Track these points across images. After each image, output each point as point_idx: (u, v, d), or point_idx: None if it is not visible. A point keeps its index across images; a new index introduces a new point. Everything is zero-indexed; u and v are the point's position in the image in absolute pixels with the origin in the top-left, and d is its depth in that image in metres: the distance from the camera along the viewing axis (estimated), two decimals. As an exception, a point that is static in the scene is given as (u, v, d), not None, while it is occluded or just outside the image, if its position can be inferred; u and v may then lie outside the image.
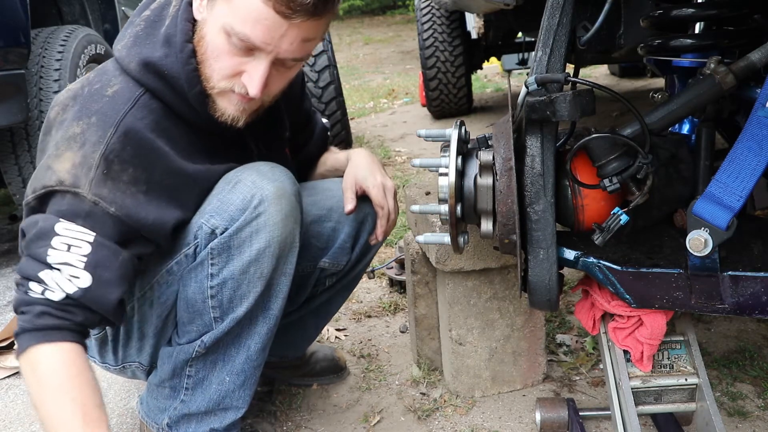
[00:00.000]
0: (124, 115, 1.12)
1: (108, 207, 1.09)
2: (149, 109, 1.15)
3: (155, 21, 1.19)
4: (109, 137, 1.10)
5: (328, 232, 1.45)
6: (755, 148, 1.01)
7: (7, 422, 1.71)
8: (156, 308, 1.27)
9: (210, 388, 1.28)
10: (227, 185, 1.20)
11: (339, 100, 3.86)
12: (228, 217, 1.17)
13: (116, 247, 1.10)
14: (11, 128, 2.61)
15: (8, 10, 2.47)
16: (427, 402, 1.63)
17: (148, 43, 1.17)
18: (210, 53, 1.12)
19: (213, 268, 1.20)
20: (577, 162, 1.19)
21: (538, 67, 1.13)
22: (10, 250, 3.19)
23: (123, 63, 1.17)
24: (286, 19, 1.06)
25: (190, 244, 1.21)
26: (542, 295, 1.15)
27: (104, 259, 1.08)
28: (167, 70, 1.14)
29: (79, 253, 1.06)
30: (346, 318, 2.15)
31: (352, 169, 1.45)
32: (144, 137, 1.12)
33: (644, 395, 1.28)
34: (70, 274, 1.06)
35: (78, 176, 1.08)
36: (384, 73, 10.06)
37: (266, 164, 1.24)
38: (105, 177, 1.09)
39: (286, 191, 1.20)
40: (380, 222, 1.43)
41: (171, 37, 1.15)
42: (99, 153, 1.09)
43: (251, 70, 1.11)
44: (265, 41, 1.08)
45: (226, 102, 1.16)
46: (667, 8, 1.25)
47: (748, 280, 1.07)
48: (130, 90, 1.15)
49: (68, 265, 1.06)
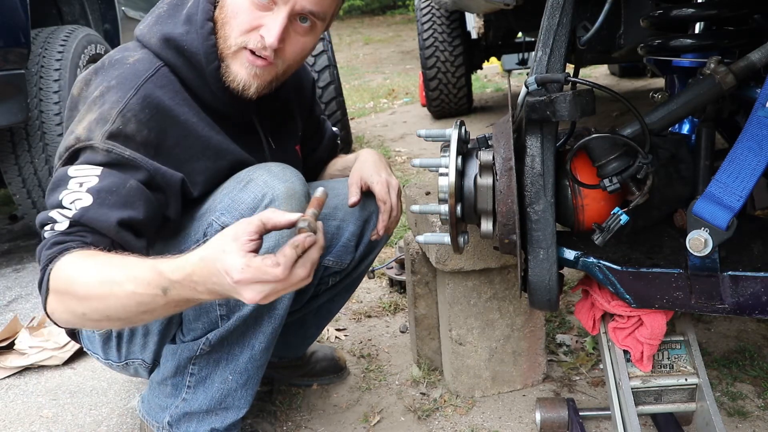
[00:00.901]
0: (145, 80, 1.17)
1: (123, 151, 1.12)
2: (168, 79, 1.20)
3: (178, 4, 1.25)
4: (129, 98, 1.14)
5: (332, 230, 1.46)
6: (755, 148, 1.01)
7: (7, 422, 1.71)
8: None
9: (212, 387, 1.28)
10: (238, 184, 1.21)
11: (339, 100, 3.86)
12: (238, 215, 1.18)
13: (124, 175, 1.11)
14: (11, 128, 2.61)
15: (8, 10, 2.47)
16: (427, 402, 1.63)
17: (169, 21, 1.22)
18: (230, 13, 1.18)
19: None
20: (577, 162, 1.19)
21: (538, 67, 1.13)
22: (10, 250, 3.19)
23: (144, 39, 1.23)
24: None
25: (199, 241, 1.21)
26: (542, 295, 1.15)
27: (110, 184, 1.09)
28: (187, 45, 1.19)
29: (88, 184, 1.09)
30: (346, 318, 2.15)
31: (359, 165, 1.46)
32: (162, 103, 1.17)
33: (644, 395, 1.28)
34: (74, 199, 1.07)
35: (92, 130, 1.12)
36: (384, 73, 10.06)
37: (277, 165, 1.26)
38: (119, 131, 1.12)
39: (296, 192, 1.21)
40: (382, 216, 1.42)
41: (192, 15, 1.20)
42: (116, 111, 1.13)
43: (269, 22, 1.16)
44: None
45: (238, 65, 1.19)
46: (667, 8, 1.25)
47: (748, 280, 1.07)
48: (151, 61, 1.20)
49: (75, 193, 1.07)
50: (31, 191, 2.73)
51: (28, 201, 2.76)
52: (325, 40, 3.79)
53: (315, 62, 3.74)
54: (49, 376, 1.93)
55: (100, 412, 1.72)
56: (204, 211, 1.23)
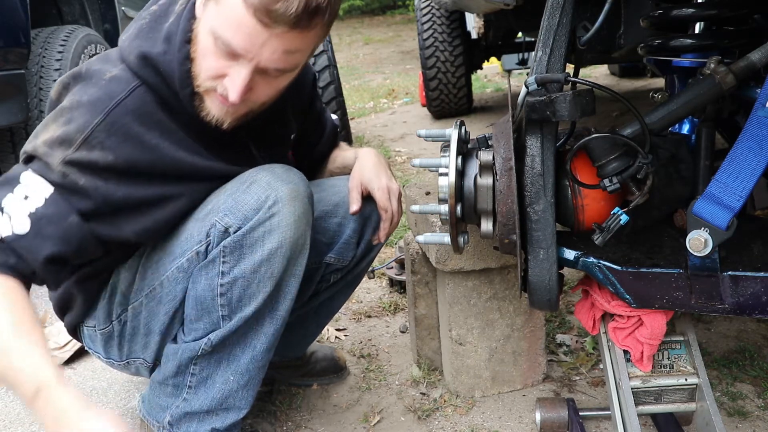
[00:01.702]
0: (116, 104, 1.13)
1: (78, 179, 1.10)
2: (143, 101, 1.16)
3: (161, 16, 1.20)
4: (96, 124, 1.11)
5: (333, 227, 1.46)
6: (755, 148, 1.01)
7: (7, 422, 1.71)
8: (164, 305, 1.27)
9: (213, 387, 1.28)
10: (242, 185, 1.21)
11: (339, 100, 3.86)
12: (242, 216, 1.18)
13: (69, 209, 1.11)
14: (11, 128, 2.61)
15: (8, 10, 2.47)
16: (427, 402, 1.63)
17: (150, 36, 1.18)
18: (200, 52, 1.13)
19: (224, 266, 1.20)
20: (577, 162, 1.19)
21: (538, 67, 1.13)
22: (10, 250, 3.19)
23: (124, 53, 1.19)
24: (266, 28, 1.05)
25: (202, 242, 1.21)
26: (542, 295, 1.15)
27: (52, 215, 1.10)
28: (163, 67, 1.15)
29: (32, 204, 1.09)
30: (346, 318, 2.15)
31: (359, 169, 1.46)
32: (132, 129, 1.13)
33: (644, 395, 1.28)
34: (13, 219, 1.08)
35: (53, 149, 1.11)
36: (384, 73, 10.06)
37: (281, 166, 1.25)
38: (80, 158, 1.10)
39: (299, 193, 1.21)
40: (383, 225, 1.45)
41: (172, 35, 1.15)
42: (82, 136, 1.11)
43: (233, 75, 1.10)
44: (245, 48, 1.07)
45: (210, 102, 1.16)
46: (667, 8, 1.25)
47: (748, 280, 1.07)
48: (126, 81, 1.16)
49: (16, 211, 1.09)
50: (31, 191, 2.73)
51: (28, 201, 2.75)
52: (325, 40, 3.79)
53: (315, 62, 3.75)
54: (49, 376, 1.93)
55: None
56: (207, 212, 1.22)
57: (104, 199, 1.13)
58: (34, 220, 1.09)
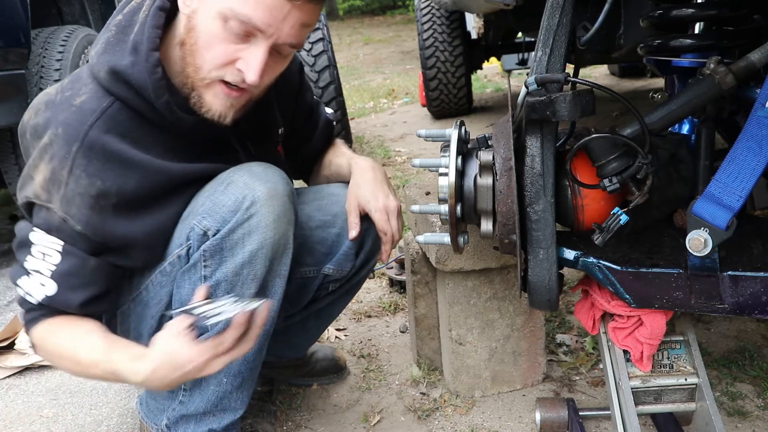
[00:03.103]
0: (90, 127, 1.11)
1: (75, 225, 1.13)
2: (116, 120, 1.13)
3: (126, 26, 1.16)
4: (75, 152, 1.10)
5: (332, 237, 1.44)
6: (755, 148, 1.01)
7: (8, 422, 1.71)
8: (151, 309, 1.27)
9: (208, 390, 1.28)
10: (219, 186, 1.19)
11: (339, 100, 3.85)
12: (220, 218, 1.16)
13: (84, 255, 1.15)
14: (11, 128, 2.61)
15: (8, 11, 2.47)
16: (427, 402, 1.63)
17: (117, 49, 1.15)
18: (202, 43, 1.10)
19: (206, 270, 1.19)
20: (577, 162, 1.19)
21: (538, 67, 1.13)
22: (11, 250, 3.19)
23: (94, 70, 1.16)
24: (288, 1, 1.05)
25: (182, 245, 1.20)
26: (542, 295, 1.15)
27: (71, 266, 1.15)
28: (134, 79, 1.12)
29: (50, 262, 1.15)
30: (346, 318, 2.15)
31: (355, 188, 1.42)
32: (111, 149, 1.12)
33: (644, 395, 1.28)
34: (39, 282, 1.15)
35: (50, 192, 1.12)
36: (384, 73, 10.06)
37: (259, 165, 1.23)
38: (73, 194, 1.11)
39: (278, 192, 1.19)
40: (385, 247, 1.43)
41: (138, 44, 1.12)
42: (66, 170, 1.10)
43: (248, 56, 1.09)
44: (267, 22, 1.06)
45: (211, 96, 1.14)
46: (667, 8, 1.25)
47: (748, 280, 1.07)
48: (98, 100, 1.13)
49: (39, 273, 1.15)
50: (31, 191, 2.73)
51: (29, 201, 2.75)
52: (325, 41, 3.78)
53: (315, 62, 3.74)
54: (50, 376, 1.93)
55: (100, 412, 1.72)
56: (186, 215, 1.21)
57: (105, 238, 1.15)
58: (57, 278, 1.14)
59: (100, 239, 1.15)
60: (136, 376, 1.11)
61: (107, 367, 1.14)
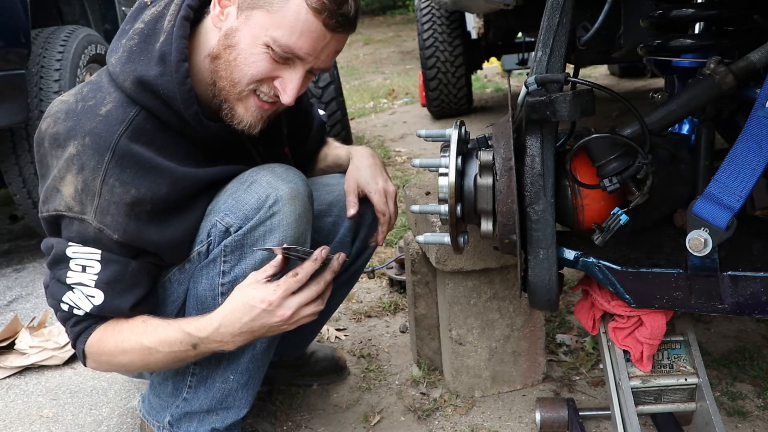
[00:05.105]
0: (119, 137, 1.12)
1: (112, 234, 1.13)
2: (143, 129, 1.15)
3: (149, 35, 1.17)
4: (107, 162, 1.11)
5: (328, 226, 1.46)
6: (755, 148, 1.01)
7: (8, 422, 1.71)
8: (167, 306, 1.28)
9: (213, 387, 1.28)
10: (242, 185, 1.21)
11: (339, 100, 3.85)
12: (242, 215, 1.19)
13: (124, 259, 1.16)
14: (11, 128, 2.61)
15: (8, 11, 2.47)
16: (427, 402, 1.63)
17: (142, 59, 1.15)
18: (242, 60, 1.14)
19: (225, 266, 1.21)
20: (577, 162, 1.19)
21: (538, 67, 1.13)
22: (11, 250, 3.19)
23: (118, 80, 1.16)
24: (330, 32, 1.12)
25: (203, 242, 1.22)
26: (542, 295, 1.15)
27: (114, 273, 1.16)
28: (162, 89, 1.13)
29: (92, 273, 1.15)
30: (346, 318, 2.15)
31: (354, 171, 1.45)
32: (142, 157, 1.13)
33: (644, 395, 1.28)
34: (86, 294, 1.16)
35: (84, 203, 1.13)
36: (384, 73, 10.06)
37: (281, 166, 1.26)
38: (108, 203, 1.12)
39: (299, 192, 1.21)
40: (381, 228, 1.45)
41: (166, 55, 1.13)
42: (99, 180, 1.11)
43: (287, 78, 1.15)
44: (308, 52, 1.13)
45: (243, 109, 1.18)
46: (667, 8, 1.25)
47: (748, 280, 1.07)
48: (124, 109, 1.14)
49: (83, 285, 1.16)
50: (31, 191, 2.73)
51: (29, 201, 2.75)
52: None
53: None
54: (50, 376, 1.93)
55: (100, 411, 1.73)
56: (208, 212, 1.23)
57: (142, 244, 1.17)
58: (102, 287, 1.16)
59: (138, 245, 1.16)
60: (210, 326, 1.15)
61: (176, 336, 1.17)
